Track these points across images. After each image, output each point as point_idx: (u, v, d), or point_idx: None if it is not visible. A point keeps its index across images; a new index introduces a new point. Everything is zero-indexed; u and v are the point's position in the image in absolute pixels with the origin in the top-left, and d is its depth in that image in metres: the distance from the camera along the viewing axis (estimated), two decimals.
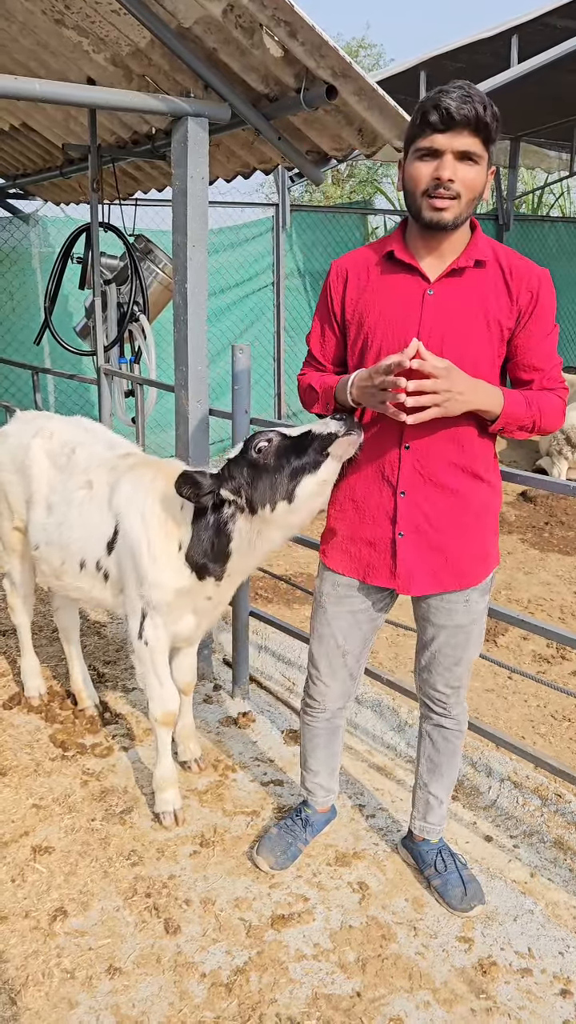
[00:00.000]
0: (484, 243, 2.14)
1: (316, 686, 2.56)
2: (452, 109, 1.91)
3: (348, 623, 2.44)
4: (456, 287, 2.12)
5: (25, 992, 2.21)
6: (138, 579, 2.73)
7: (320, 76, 2.94)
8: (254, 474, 2.41)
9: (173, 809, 2.87)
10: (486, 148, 1.99)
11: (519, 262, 2.14)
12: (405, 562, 2.26)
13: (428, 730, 2.56)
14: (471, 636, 2.39)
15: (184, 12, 2.87)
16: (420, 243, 2.14)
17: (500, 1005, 2.19)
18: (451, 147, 1.96)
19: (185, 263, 3.23)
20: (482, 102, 1.93)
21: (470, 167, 1.99)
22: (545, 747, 3.48)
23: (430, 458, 2.18)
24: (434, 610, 2.35)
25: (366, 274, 2.23)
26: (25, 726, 3.46)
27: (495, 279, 2.12)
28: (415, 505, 2.22)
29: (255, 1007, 2.17)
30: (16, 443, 3.27)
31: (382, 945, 2.37)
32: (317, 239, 8.70)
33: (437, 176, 1.98)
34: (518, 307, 2.11)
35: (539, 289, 2.12)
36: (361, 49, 20.24)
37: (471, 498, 2.23)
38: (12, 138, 5.41)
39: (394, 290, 2.17)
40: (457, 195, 2.00)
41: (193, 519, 2.63)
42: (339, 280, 2.27)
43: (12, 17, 3.52)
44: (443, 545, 2.25)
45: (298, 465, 2.34)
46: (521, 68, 6.18)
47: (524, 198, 13.56)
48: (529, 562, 5.71)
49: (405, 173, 2.07)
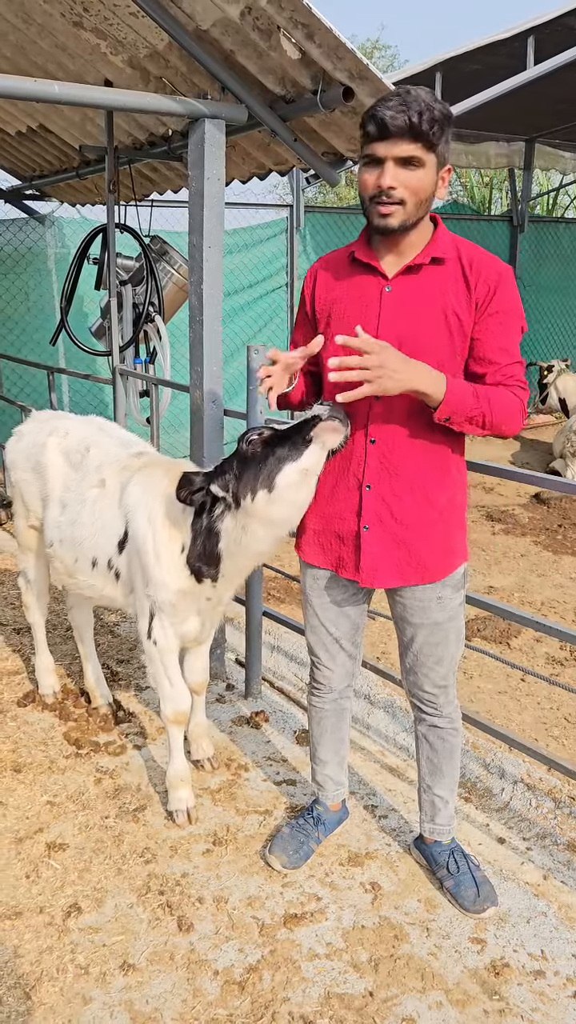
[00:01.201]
0: (446, 240, 2.17)
1: (320, 671, 2.62)
2: (387, 119, 1.96)
3: (335, 613, 2.49)
4: (413, 283, 2.16)
5: (39, 987, 2.22)
6: (144, 579, 2.75)
7: (337, 78, 2.95)
8: (242, 467, 2.40)
9: (186, 807, 2.88)
10: (430, 151, 2.01)
11: (480, 256, 2.16)
12: (369, 555, 2.29)
13: (423, 732, 2.57)
14: (449, 634, 2.40)
15: (202, 14, 2.89)
16: (380, 243, 2.19)
17: (513, 1007, 2.19)
18: (390, 154, 2.00)
19: (201, 264, 3.25)
20: (419, 109, 1.95)
21: (412, 172, 2.02)
22: (558, 749, 3.48)
23: (396, 452, 2.21)
24: (409, 609, 2.38)
25: (334, 274, 2.30)
26: (39, 724, 3.48)
27: (454, 274, 2.14)
28: (380, 499, 2.25)
29: (268, 1005, 2.17)
30: (32, 442, 3.30)
31: (394, 945, 2.38)
32: (331, 240, 8.70)
33: (379, 184, 2.03)
34: (475, 299, 2.13)
35: (497, 283, 2.13)
36: (376, 50, 20.25)
37: (436, 493, 2.25)
38: (29, 139, 5.45)
39: (355, 289, 2.23)
40: (401, 200, 2.03)
41: (192, 522, 2.64)
42: (310, 282, 2.37)
43: (31, 19, 3.55)
44: (407, 539, 2.27)
45: (281, 453, 2.30)
46: (537, 70, 6.15)
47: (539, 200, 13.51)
48: (542, 564, 5.69)
49: (358, 180, 2.12)
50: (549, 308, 10.82)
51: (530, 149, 9.79)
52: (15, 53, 3.98)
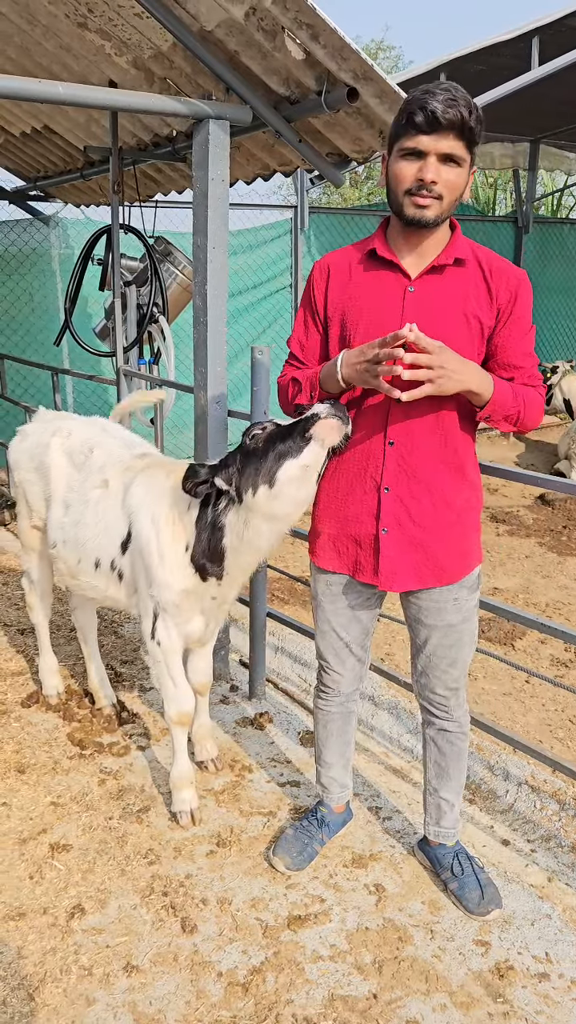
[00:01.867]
0: (464, 243, 2.17)
1: (328, 675, 2.60)
2: (438, 112, 1.92)
3: (346, 618, 2.48)
4: (436, 284, 2.15)
5: (43, 988, 2.22)
6: (148, 580, 2.75)
7: (341, 79, 2.95)
8: (245, 461, 2.42)
9: (190, 808, 2.88)
10: (469, 151, 2.01)
11: (498, 262, 2.17)
12: (387, 558, 2.28)
13: (432, 735, 2.56)
14: (463, 635, 2.39)
15: (206, 15, 2.89)
16: (401, 241, 2.17)
17: (517, 1009, 2.18)
18: (435, 149, 1.98)
19: (205, 265, 3.24)
20: (467, 105, 1.95)
21: (452, 169, 2.01)
22: (563, 751, 3.47)
23: (414, 454, 2.20)
24: (424, 611, 2.37)
25: (348, 271, 2.26)
26: (43, 724, 3.48)
27: (475, 277, 2.14)
28: (398, 501, 2.24)
29: (271, 1007, 2.17)
30: (35, 442, 3.30)
31: (398, 947, 2.37)
32: (335, 241, 8.69)
33: (420, 177, 2.01)
34: (497, 305, 2.14)
35: (518, 288, 2.15)
36: (380, 51, 20.24)
37: (454, 495, 2.26)
38: (34, 140, 5.45)
39: (376, 287, 2.20)
40: (439, 196, 2.03)
41: (196, 519, 2.64)
42: (322, 277, 2.30)
43: (35, 20, 3.55)
44: (425, 541, 2.27)
45: (282, 449, 2.32)
46: (542, 70, 6.15)
47: (543, 200, 13.50)
48: (547, 566, 5.68)
49: (389, 171, 2.09)
50: (553, 309, 10.81)
51: (535, 150, 9.78)
52: (20, 54, 3.99)
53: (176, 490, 2.70)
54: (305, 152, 3.51)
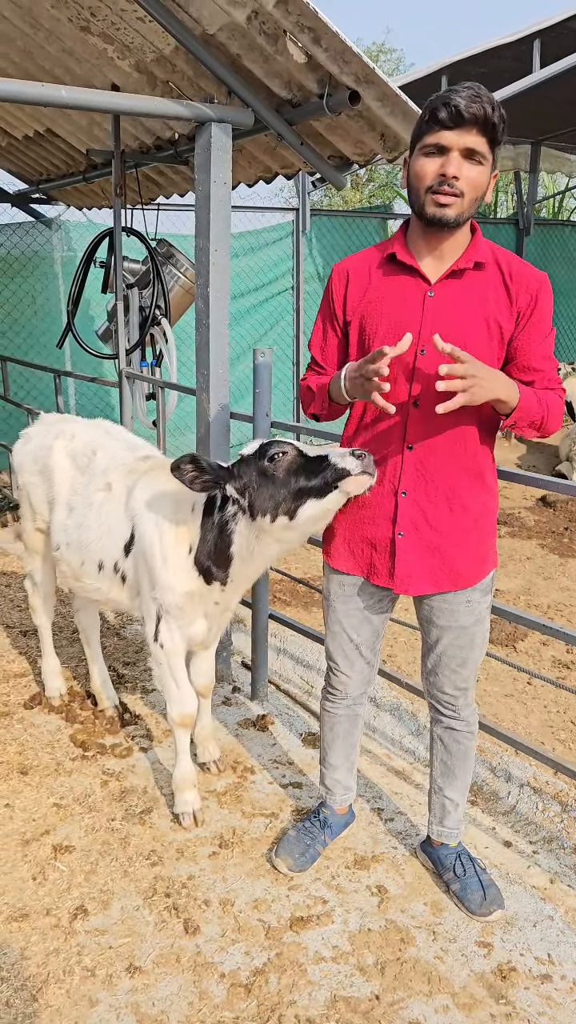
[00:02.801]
0: (484, 246, 2.17)
1: (337, 676, 2.60)
2: (461, 106, 1.94)
3: (358, 619, 2.48)
4: (456, 289, 2.14)
5: (46, 989, 2.23)
6: (151, 582, 2.75)
7: (343, 82, 2.96)
8: (262, 481, 2.43)
9: (192, 810, 2.88)
10: (491, 149, 2.02)
11: (519, 265, 2.17)
12: (404, 562, 2.28)
13: (439, 734, 2.56)
14: (475, 637, 2.40)
15: (209, 19, 2.90)
16: (422, 244, 2.16)
17: (520, 1011, 2.18)
18: (458, 144, 1.98)
19: (207, 267, 3.25)
20: (491, 103, 1.96)
21: (474, 166, 2.02)
22: (565, 753, 3.47)
23: (432, 459, 2.20)
24: (436, 611, 2.37)
25: (367, 276, 2.25)
26: (46, 726, 3.49)
27: (495, 281, 2.14)
28: (415, 505, 2.24)
29: (274, 1008, 2.17)
30: (39, 445, 3.31)
31: (401, 948, 2.37)
32: (337, 243, 8.71)
33: (442, 172, 2.01)
34: (517, 308, 2.14)
35: (538, 292, 2.15)
36: (382, 54, 20.26)
37: (471, 500, 2.25)
38: (36, 143, 5.47)
39: (395, 291, 2.19)
40: (461, 193, 2.02)
41: (201, 522, 2.65)
42: (340, 282, 2.30)
43: (39, 25, 3.57)
44: (441, 546, 2.26)
45: (305, 487, 2.35)
46: (543, 73, 6.17)
47: (545, 202, 13.51)
48: (549, 567, 5.68)
49: (411, 170, 2.10)
50: (556, 311, 10.62)
51: (536, 152, 9.79)
52: (23, 58, 4.00)
53: (180, 492, 2.70)
54: (307, 155, 3.52)
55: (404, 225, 2.25)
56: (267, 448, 2.43)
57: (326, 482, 2.31)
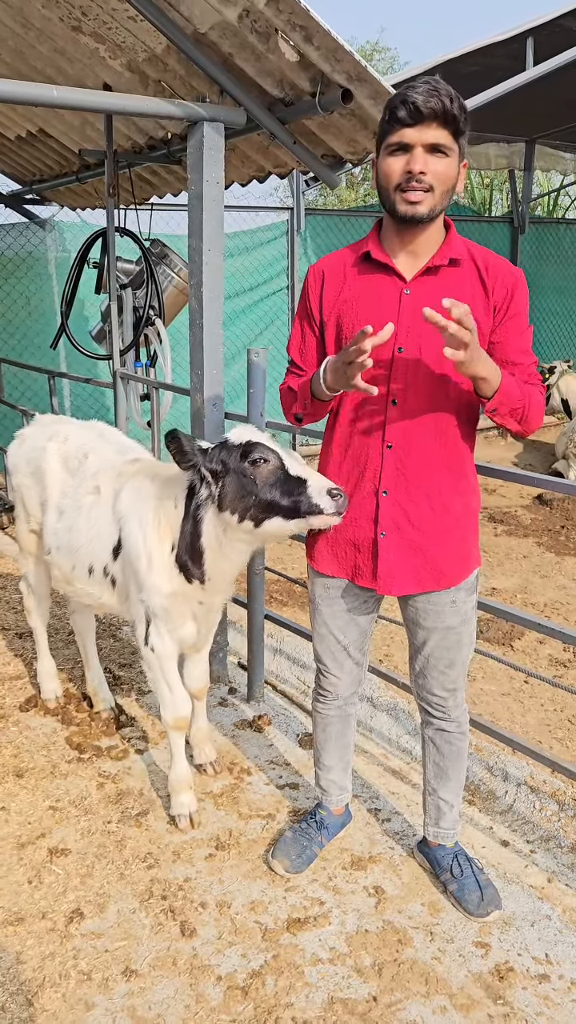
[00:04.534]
0: (458, 242, 2.17)
1: (326, 678, 2.60)
2: (419, 102, 1.94)
3: (344, 621, 2.47)
4: (432, 285, 2.14)
5: (42, 993, 2.22)
6: (138, 585, 2.75)
7: (336, 80, 2.95)
8: (237, 479, 2.42)
9: (188, 812, 2.87)
10: (456, 140, 2.02)
11: (494, 260, 2.17)
12: (386, 562, 2.28)
13: (431, 735, 2.55)
14: (462, 637, 2.39)
15: (200, 18, 2.88)
16: (396, 241, 2.16)
17: (518, 1011, 2.18)
18: (420, 140, 1.99)
19: (201, 267, 3.24)
20: (449, 95, 1.96)
21: (440, 159, 2.02)
22: (562, 752, 3.46)
23: (412, 457, 2.20)
24: (422, 613, 2.36)
25: (343, 275, 2.25)
26: (41, 728, 3.47)
27: (471, 277, 2.14)
28: (397, 504, 2.24)
29: (271, 1011, 2.16)
30: (32, 446, 3.30)
31: (398, 949, 2.37)
32: (331, 243, 8.69)
33: (408, 170, 2.01)
34: (493, 303, 2.14)
35: (514, 286, 2.15)
36: (375, 52, 20.27)
37: (452, 498, 2.25)
38: (29, 144, 5.45)
39: (371, 290, 2.19)
40: (430, 187, 2.03)
41: (183, 516, 2.64)
42: (316, 282, 2.30)
43: (29, 24, 3.55)
44: (424, 545, 2.26)
45: (276, 503, 2.37)
46: (536, 71, 6.15)
47: (539, 201, 13.50)
48: (545, 566, 5.68)
49: (378, 170, 2.10)
50: (550, 309, 10.81)
51: (530, 150, 9.78)
52: (14, 58, 3.99)
53: (162, 491, 2.71)
54: (300, 154, 3.50)
55: (377, 224, 2.25)
56: (251, 449, 2.41)
57: (296, 509, 2.34)
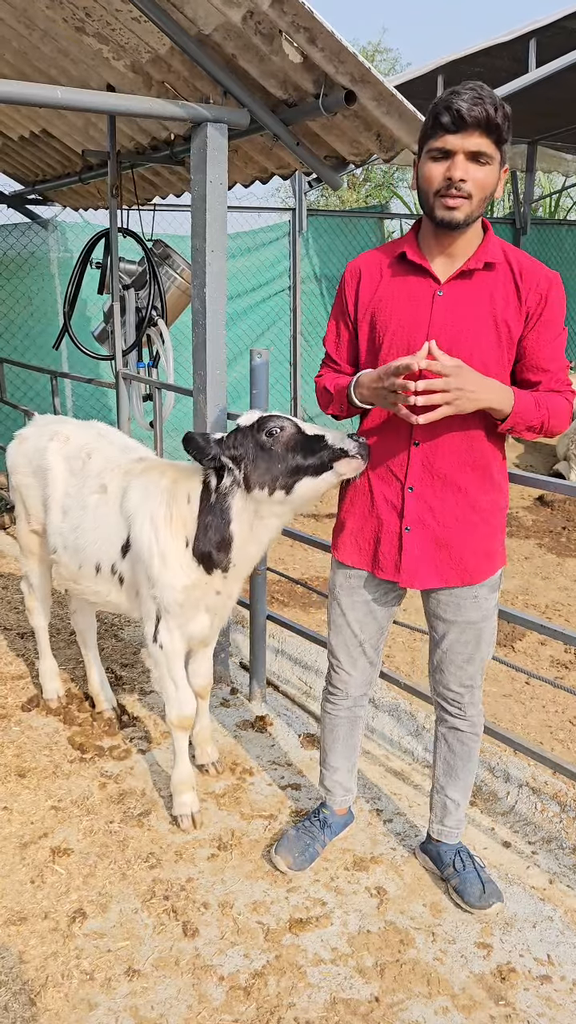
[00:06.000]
0: (495, 245, 2.17)
1: (338, 674, 2.59)
2: (463, 110, 1.94)
3: (362, 613, 2.48)
4: (466, 288, 2.15)
5: (44, 993, 2.22)
6: (149, 582, 2.75)
7: (339, 82, 2.95)
8: (258, 454, 2.46)
9: (191, 812, 2.88)
10: (498, 148, 2.02)
11: (529, 264, 2.16)
12: (410, 556, 2.29)
13: (444, 733, 2.56)
14: (482, 633, 2.39)
15: (204, 19, 2.89)
16: (433, 244, 2.17)
17: (519, 1012, 2.18)
18: (463, 148, 1.99)
19: (204, 268, 3.24)
20: (493, 103, 1.96)
21: (481, 167, 2.02)
22: (563, 753, 3.46)
23: (439, 454, 2.21)
24: (443, 605, 2.37)
25: (379, 274, 2.26)
26: (43, 728, 3.48)
27: (505, 281, 2.14)
28: (422, 500, 2.25)
29: (273, 1011, 2.17)
30: (33, 446, 3.30)
31: (400, 950, 2.37)
32: (333, 243, 8.70)
33: (449, 176, 2.02)
34: (526, 308, 2.14)
35: (548, 291, 2.14)
36: (377, 54, 20.25)
37: (478, 496, 2.26)
38: (32, 144, 5.46)
39: (405, 290, 2.20)
40: (469, 195, 2.03)
41: (199, 510, 2.65)
42: (353, 280, 2.32)
43: (33, 25, 3.56)
44: (448, 540, 2.27)
45: (302, 464, 2.41)
46: (539, 72, 6.17)
47: (541, 202, 13.51)
48: (547, 567, 5.68)
49: (419, 173, 2.11)
50: None
51: (532, 152, 9.79)
52: (18, 58, 3.99)
53: (173, 488, 2.72)
54: (303, 155, 3.51)
55: (416, 225, 2.26)
56: (265, 422, 2.45)
57: (322, 461, 2.37)
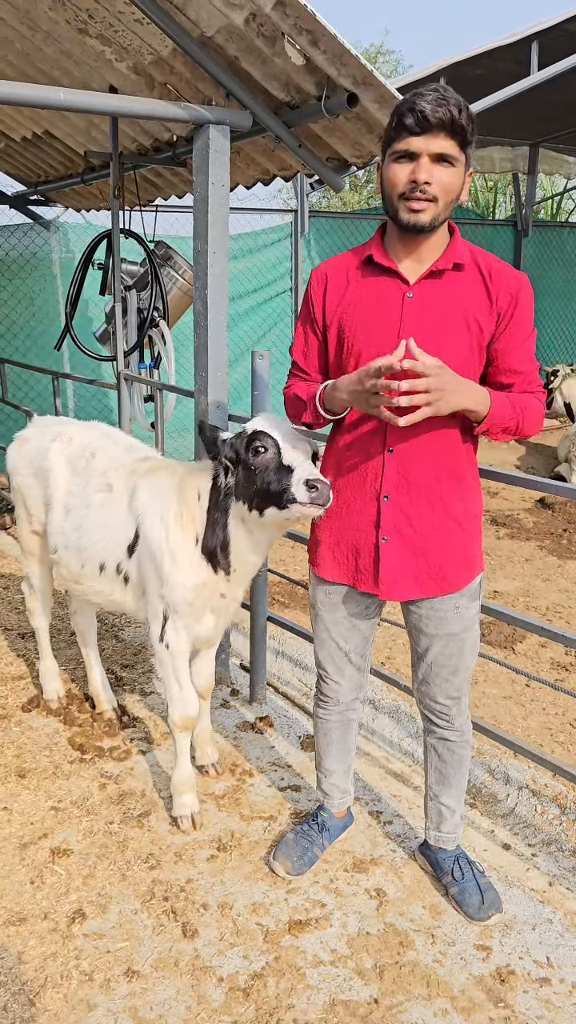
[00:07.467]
0: (462, 246, 2.16)
1: (327, 684, 2.59)
2: (427, 112, 1.92)
3: (346, 627, 2.47)
4: (435, 289, 2.13)
5: (44, 993, 2.22)
6: (159, 581, 2.75)
7: (341, 84, 2.95)
8: (243, 469, 2.49)
9: (191, 813, 2.88)
10: (462, 150, 2.01)
11: (498, 265, 2.16)
12: (388, 567, 2.26)
13: (433, 743, 2.54)
14: (465, 644, 2.38)
15: (207, 21, 2.89)
16: (399, 246, 2.15)
17: (519, 1014, 2.18)
18: (427, 149, 1.97)
19: (205, 269, 3.25)
20: (458, 105, 1.95)
21: (446, 169, 2.01)
22: (564, 755, 3.46)
23: (413, 462, 2.19)
24: (425, 619, 2.35)
25: (346, 279, 2.24)
26: (44, 729, 3.48)
27: (474, 282, 2.13)
28: (398, 509, 2.23)
29: (272, 1012, 2.17)
30: (34, 447, 3.30)
31: (399, 952, 2.37)
32: (335, 245, 8.71)
33: (413, 179, 2.00)
34: (497, 309, 2.12)
35: (519, 292, 2.13)
36: (379, 55, 20.28)
37: (454, 502, 2.24)
38: (34, 145, 5.47)
39: (373, 293, 2.18)
40: (434, 197, 2.02)
41: (208, 506, 2.67)
42: (320, 285, 2.29)
43: (36, 27, 3.56)
44: (426, 549, 2.25)
45: (268, 492, 2.40)
46: (541, 75, 6.17)
47: (543, 204, 13.52)
48: (547, 569, 5.68)
49: (383, 176, 2.09)
50: (553, 312, 10.83)
51: (534, 154, 9.80)
52: (21, 60, 4.00)
53: (183, 485, 2.74)
54: (305, 157, 3.51)
55: (381, 228, 2.24)
56: (253, 439, 2.43)
57: (286, 494, 2.35)
